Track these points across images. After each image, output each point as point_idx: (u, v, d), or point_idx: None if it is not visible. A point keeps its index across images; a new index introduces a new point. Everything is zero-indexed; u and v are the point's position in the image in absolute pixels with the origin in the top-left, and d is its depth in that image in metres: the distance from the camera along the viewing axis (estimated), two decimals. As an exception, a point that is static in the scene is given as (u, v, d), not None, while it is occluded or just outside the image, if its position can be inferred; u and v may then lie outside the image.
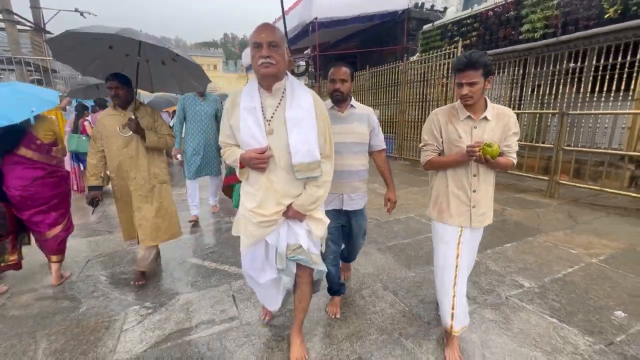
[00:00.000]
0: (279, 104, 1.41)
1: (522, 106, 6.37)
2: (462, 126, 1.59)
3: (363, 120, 1.86)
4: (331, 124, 1.59)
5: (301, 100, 1.40)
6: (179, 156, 4.46)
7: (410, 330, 1.90)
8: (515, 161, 1.61)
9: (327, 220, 1.58)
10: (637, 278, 2.41)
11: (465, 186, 1.62)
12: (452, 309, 1.66)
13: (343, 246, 2.11)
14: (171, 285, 2.44)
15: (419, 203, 4.37)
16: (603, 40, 4.98)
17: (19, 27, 12.16)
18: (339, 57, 11.94)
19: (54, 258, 2.41)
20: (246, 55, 15.62)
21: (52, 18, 13.86)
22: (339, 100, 1.82)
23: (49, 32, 14.20)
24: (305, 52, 14.32)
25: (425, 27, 8.41)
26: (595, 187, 4.42)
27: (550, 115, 5.81)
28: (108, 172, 2.80)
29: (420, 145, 1.74)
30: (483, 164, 1.53)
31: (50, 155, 2.35)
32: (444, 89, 6.71)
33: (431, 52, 7.05)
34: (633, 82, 4.78)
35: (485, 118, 1.56)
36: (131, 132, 2.29)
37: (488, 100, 1.60)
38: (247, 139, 1.38)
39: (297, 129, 1.36)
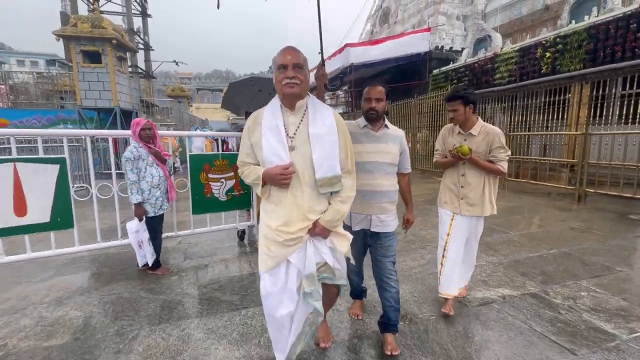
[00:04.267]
0: (301, 121, 1.44)
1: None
2: (456, 138, 2.10)
3: (396, 142, 1.84)
4: (365, 143, 1.75)
5: (324, 118, 1.45)
6: None
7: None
8: (503, 170, 2.02)
9: (350, 236, 1.59)
10: (508, 215, 4.86)
11: (456, 182, 2.12)
12: (439, 274, 2.16)
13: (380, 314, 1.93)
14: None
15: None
16: (544, 86, 7.40)
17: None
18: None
19: None
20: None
21: (158, 67, 18.77)
22: (373, 118, 1.79)
23: (154, 77, 19.17)
24: (344, 87, 17.66)
25: (434, 71, 11.17)
26: (532, 181, 6.74)
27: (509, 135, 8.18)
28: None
29: (435, 150, 2.30)
30: (459, 159, 2.03)
31: None
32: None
33: (438, 90, 9.78)
34: (566, 113, 7.10)
35: (471, 133, 2.04)
36: None
37: (479, 120, 2.06)
38: (270, 156, 1.40)
39: (321, 145, 1.40)
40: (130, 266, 3.06)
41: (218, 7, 2.57)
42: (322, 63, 1.93)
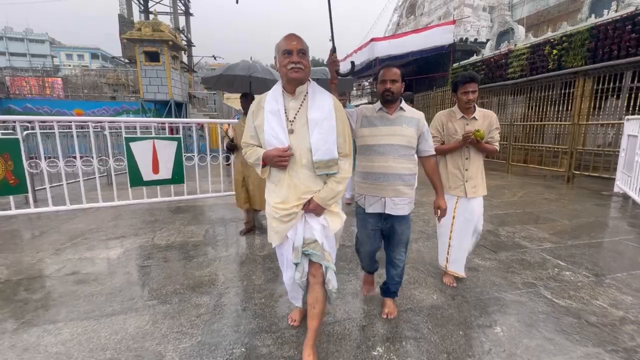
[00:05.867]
0: (301, 106, 1.52)
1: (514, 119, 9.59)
2: (458, 123, 2.24)
3: (412, 124, 1.82)
4: (379, 126, 1.81)
5: (322, 103, 1.52)
6: None
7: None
8: (497, 148, 2.24)
9: (344, 216, 1.65)
10: (498, 189, 5.92)
11: (459, 166, 2.25)
12: (447, 254, 2.35)
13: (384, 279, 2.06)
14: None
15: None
16: (551, 80, 8.16)
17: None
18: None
19: None
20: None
21: (198, 62, 20.60)
22: (389, 100, 1.81)
23: (195, 72, 21.08)
24: (369, 80, 18.62)
25: (454, 65, 11.96)
26: (531, 166, 7.64)
27: (508, 125, 8.99)
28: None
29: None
30: (475, 145, 2.17)
31: None
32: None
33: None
34: (571, 105, 7.87)
35: (474, 118, 2.21)
36: None
37: (476, 105, 2.23)
38: (271, 139, 1.49)
39: (318, 129, 1.47)
40: (214, 211, 4.57)
41: (237, 1, 2.75)
42: (334, 50, 1.93)
